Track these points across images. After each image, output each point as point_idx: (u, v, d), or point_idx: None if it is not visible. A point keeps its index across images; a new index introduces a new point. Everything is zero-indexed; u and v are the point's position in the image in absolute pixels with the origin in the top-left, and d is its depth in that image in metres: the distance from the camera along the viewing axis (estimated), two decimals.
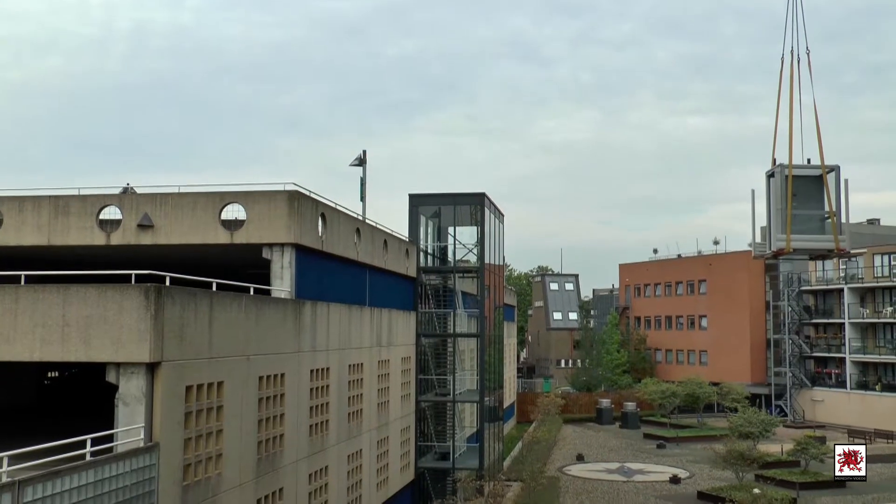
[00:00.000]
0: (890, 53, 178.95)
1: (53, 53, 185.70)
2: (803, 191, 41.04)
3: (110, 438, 15.86)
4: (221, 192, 24.21)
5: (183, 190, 24.45)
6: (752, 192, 44.36)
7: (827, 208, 42.03)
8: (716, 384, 71.27)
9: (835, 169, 43.80)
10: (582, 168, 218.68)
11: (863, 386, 70.29)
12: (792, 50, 40.97)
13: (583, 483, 46.48)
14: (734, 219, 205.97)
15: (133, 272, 17.65)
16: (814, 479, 45.37)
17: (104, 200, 24.74)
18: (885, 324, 70.10)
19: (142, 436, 15.97)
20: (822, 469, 48.09)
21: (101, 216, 24.61)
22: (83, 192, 24.92)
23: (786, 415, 73.23)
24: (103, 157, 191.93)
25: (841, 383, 72.45)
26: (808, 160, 43.55)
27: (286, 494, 22.56)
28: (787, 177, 40.81)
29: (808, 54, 40.59)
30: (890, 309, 69.33)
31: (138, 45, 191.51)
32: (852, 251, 71.66)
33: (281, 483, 22.24)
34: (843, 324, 72.35)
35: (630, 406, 72.17)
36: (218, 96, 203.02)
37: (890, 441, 62.46)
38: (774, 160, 44.42)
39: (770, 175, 42.89)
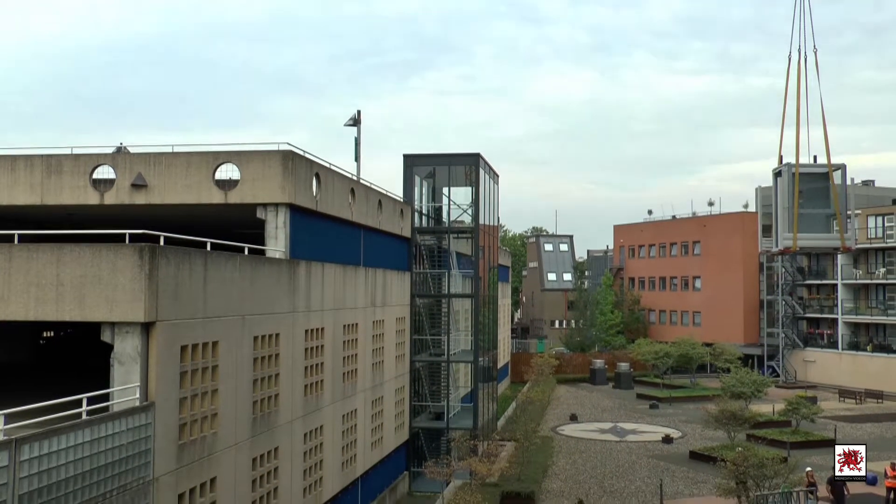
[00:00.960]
0: (890, 13, 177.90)
1: (47, 11, 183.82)
2: (810, 188, 41.51)
3: (106, 398, 15.90)
4: (215, 152, 24.08)
5: (177, 149, 24.34)
6: (757, 190, 44.63)
7: (832, 207, 42.31)
8: (709, 345, 71.68)
9: (841, 167, 44.04)
10: (577, 129, 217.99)
11: (854, 346, 70.74)
12: (799, 48, 40.93)
13: (576, 443, 46.87)
14: (729, 180, 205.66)
15: (127, 232, 17.61)
16: (804, 438, 45.80)
17: (97, 160, 24.62)
18: (877, 285, 70.41)
19: (137, 395, 16.01)
20: (814, 429, 48.57)
21: (95, 175, 24.50)
22: (76, 152, 24.78)
23: (778, 375, 73.75)
24: (94, 114, 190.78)
25: (833, 344, 72.90)
26: (815, 157, 43.75)
27: (281, 454, 22.70)
28: (793, 174, 41.09)
29: (815, 52, 40.63)
30: (882, 270, 69.59)
31: (132, 3, 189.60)
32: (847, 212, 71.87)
33: (276, 443, 22.37)
34: (836, 285, 72.64)
35: (623, 366, 72.57)
36: (212, 57, 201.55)
37: (880, 401, 63.04)
38: (781, 157, 44.64)
39: (777, 174, 43.11)
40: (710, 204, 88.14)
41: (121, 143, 26.68)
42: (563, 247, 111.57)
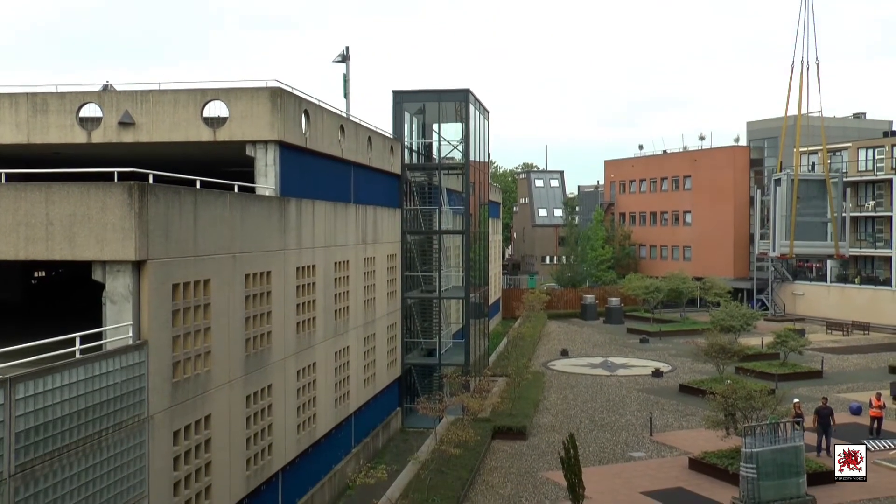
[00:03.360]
0: None
1: None
2: (808, 194, 42.39)
3: (100, 337, 15.94)
4: (203, 89, 23.85)
5: (163, 87, 24.07)
6: (759, 194, 45.55)
7: (829, 214, 43.08)
8: (699, 279, 72.06)
9: (838, 176, 44.74)
10: (569, 64, 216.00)
11: (843, 279, 71.17)
12: (802, 59, 41.05)
13: (567, 377, 47.32)
14: (720, 112, 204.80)
15: (115, 170, 17.48)
16: (792, 370, 46.34)
17: (83, 98, 24.34)
18: (866, 217, 70.64)
19: (130, 334, 16.06)
20: (801, 361, 49.12)
21: (81, 114, 24.26)
22: (61, 90, 24.48)
23: (767, 308, 74.31)
24: (73, 49, 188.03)
25: (821, 277, 73.32)
26: (813, 165, 44.16)
27: (275, 391, 22.87)
28: (792, 182, 41.62)
29: (817, 64, 40.78)
30: (872, 203, 69.77)
31: None
32: (838, 145, 71.84)
33: (269, 380, 22.53)
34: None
35: (614, 301, 72.97)
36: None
37: (866, 332, 63.71)
38: (781, 164, 45.13)
39: (776, 181, 43.69)
40: (702, 138, 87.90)
41: (107, 81, 26.29)
42: (554, 182, 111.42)
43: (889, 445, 32.03)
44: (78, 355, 14.67)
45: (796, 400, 31.59)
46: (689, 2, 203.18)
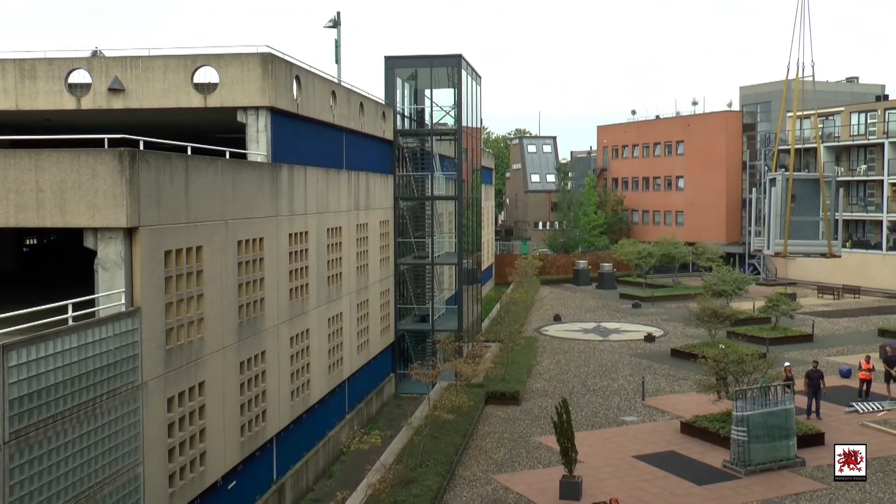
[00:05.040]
0: None
1: None
2: (801, 193, 42.59)
3: (92, 304, 15.93)
4: (193, 55, 23.67)
5: (153, 52, 23.88)
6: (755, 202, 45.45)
7: (822, 213, 43.60)
8: (691, 244, 72.19)
9: (831, 178, 45.33)
10: (562, 29, 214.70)
11: None
12: (798, 61, 41.18)
13: (560, 343, 47.52)
14: (713, 78, 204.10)
15: (106, 136, 17.37)
16: (783, 334, 46.59)
17: (72, 63, 24.15)
18: (858, 181, 70.71)
19: (123, 300, 16.04)
20: (792, 325, 49.38)
21: (70, 80, 24.06)
22: (49, 56, 24.27)
23: (758, 273, 74.56)
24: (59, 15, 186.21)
25: None
26: (808, 167, 44.24)
27: (268, 358, 22.92)
28: (787, 181, 41.97)
29: (812, 66, 40.96)
30: (864, 167, 69.80)
31: None
32: (830, 109, 71.78)
33: (263, 346, 22.57)
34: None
35: (606, 267, 73.10)
36: None
37: (857, 296, 64.05)
38: (777, 163, 45.40)
39: (771, 180, 43.97)
40: (694, 103, 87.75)
41: (96, 47, 26.09)
42: (547, 148, 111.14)
43: (877, 407, 32.32)
44: (71, 322, 14.66)
45: (787, 363, 31.80)
46: None
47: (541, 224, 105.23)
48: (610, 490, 24.11)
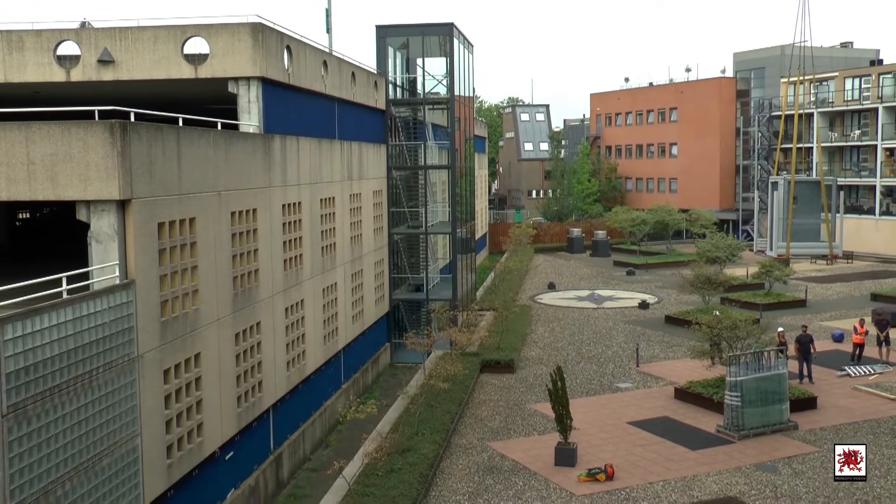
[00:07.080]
0: None
1: None
2: (803, 195, 43.00)
3: (87, 277, 15.92)
4: (183, 26, 23.51)
5: (143, 23, 23.71)
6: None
7: (823, 215, 43.84)
8: (685, 211, 72.25)
9: (832, 182, 45.39)
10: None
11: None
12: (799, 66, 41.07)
13: (554, 311, 47.65)
14: (706, 44, 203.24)
15: (96, 108, 17.27)
16: (776, 300, 46.77)
17: (61, 35, 23.97)
18: (851, 147, 70.70)
19: (117, 273, 16.04)
20: (785, 290, 49.56)
21: (59, 52, 23.89)
22: (37, 27, 24.08)
23: (752, 239, 74.71)
24: None
25: None
26: (809, 172, 44.29)
27: (263, 328, 22.98)
28: (789, 185, 42.04)
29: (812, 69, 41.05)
30: (857, 132, 69.76)
31: None
32: (824, 75, 71.63)
33: (258, 317, 22.61)
34: (812, 148, 72.79)
35: (600, 234, 73.15)
36: None
37: (850, 261, 64.20)
38: (778, 167, 45.48)
39: (773, 184, 44.15)
40: (688, 70, 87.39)
41: (84, 18, 25.89)
42: (540, 116, 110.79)
43: (869, 371, 32.55)
44: (65, 296, 14.67)
45: (780, 329, 31.97)
46: None
47: (534, 192, 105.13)
48: (605, 456, 24.30)
